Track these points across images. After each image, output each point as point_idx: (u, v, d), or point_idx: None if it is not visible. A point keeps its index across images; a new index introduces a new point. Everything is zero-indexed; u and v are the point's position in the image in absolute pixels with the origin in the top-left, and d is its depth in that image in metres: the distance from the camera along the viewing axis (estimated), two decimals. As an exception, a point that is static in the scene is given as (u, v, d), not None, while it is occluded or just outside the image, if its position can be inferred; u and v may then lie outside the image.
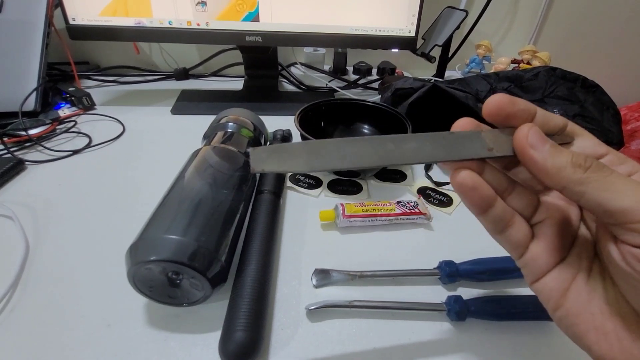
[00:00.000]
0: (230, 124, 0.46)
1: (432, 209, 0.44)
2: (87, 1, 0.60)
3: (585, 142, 0.19)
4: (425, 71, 0.89)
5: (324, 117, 0.56)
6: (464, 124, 0.19)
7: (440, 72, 0.85)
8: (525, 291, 0.33)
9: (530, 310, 0.31)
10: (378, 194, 0.48)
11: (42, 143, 0.54)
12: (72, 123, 0.61)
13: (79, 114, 0.64)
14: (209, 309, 0.31)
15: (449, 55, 0.84)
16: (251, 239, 0.34)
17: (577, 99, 0.57)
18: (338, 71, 0.88)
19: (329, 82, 0.83)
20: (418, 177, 0.51)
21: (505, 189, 0.20)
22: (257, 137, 0.47)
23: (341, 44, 0.72)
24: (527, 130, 0.17)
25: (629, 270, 0.15)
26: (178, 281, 0.29)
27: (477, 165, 0.19)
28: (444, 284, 0.35)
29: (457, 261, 0.35)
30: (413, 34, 0.68)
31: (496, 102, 0.18)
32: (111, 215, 0.42)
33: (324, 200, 0.46)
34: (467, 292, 0.34)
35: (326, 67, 0.91)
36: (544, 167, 0.16)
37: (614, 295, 0.17)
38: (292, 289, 0.34)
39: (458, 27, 0.76)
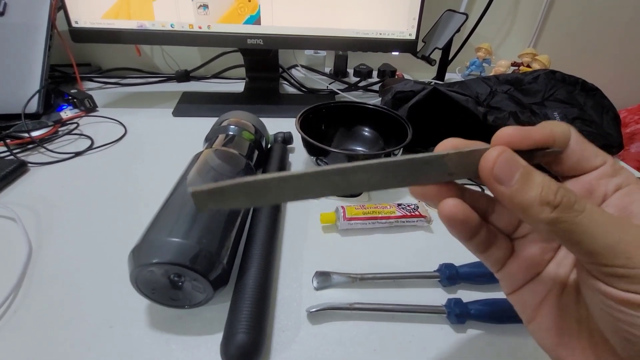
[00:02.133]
0: (231, 126, 0.46)
1: (432, 212, 0.45)
2: (90, 4, 0.60)
3: (585, 152, 0.18)
4: (425, 74, 0.89)
5: (325, 119, 0.57)
6: (451, 144, 0.18)
7: (440, 74, 0.85)
8: (525, 294, 0.34)
9: (529, 313, 0.31)
10: (378, 196, 0.48)
11: (45, 145, 0.54)
12: (74, 125, 0.61)
13: (81, 116, 0.65)
14: (211, 311, 0.31)
15: (449, 58, 0.84)
16: (252, 241, 0.35)
17: (577, 102, 0.57)
18: (339, 74, 0.88)
19: (329, 84, 0.83)
20: (418, 180, 0.51)
21: (486, 208, 0.20)
22: (259, 139, 0.47)
23: (342, 47, 0.72)
24: (494, 159, 0.15)
25: (592, 299, 0.16)
26: (180, 283, 0.29)
27: (456, 189, 0.18)
28: (444, 287, 0.35)
29: (457, 264, 0.35)
30: (413, 36, 0.68)
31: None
32: (113, 216, 0.42)
33: (325, 202, 0.46)
34: (467, 294, 0.34)
35: (327, 70, 0.91)
36: (510, 202, 0.15)
37: (585, 313, 0.17)
38: (293, 292, 0.34)
39: (458, 30, 0.77)
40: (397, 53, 0.85)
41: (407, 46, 0.69)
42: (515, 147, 0.16)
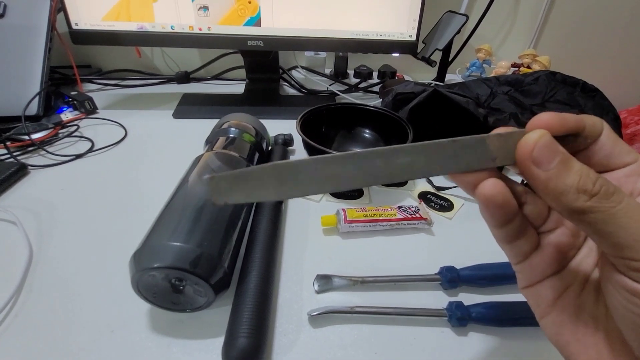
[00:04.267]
0: (232, 129, 0.46)
1: (433, 214, 0.45)
2: (90, 6, 0.60)
3: (616, 148, 0.17)
4: (425, 75, 0.89)
5: (326, 121, 0.57)
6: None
7: (440, 76, 0.85)
8: (526, 297, 0.34)
9: (531, 316, 0.31)
10: (379, 198, 0.48)
11: (45, 147, 0.54)
12: (75, 127, 0.61)
13: (81, 118, 0.65)
14: (212, 315, 0.31)
15: (450, 59, 0.84)
16: (253, 244, 0.35)
17: (577, 103, 0.57)
18: (339, 75, 0.88)
19: (329, 85, 0.83)
20: (419, 182, 0.51)
21: (522, 196, 0.18)
22: (259, 141, 0.47)
23: (342, 48, 0.72)
24: (534, 141, 0.15)
25: (614, 296, 0.15)
26: (181, 287, 0.29)
27: (496, 175, 0.17)
28: (445, 290, 0.35)
29: (458, 267, 0.35)
30: (414, 38, 0.68)
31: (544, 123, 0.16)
32: (114, 219, 0.42)
33: (326, 205, 0.46)
34: (468, 297, 0.34)
35: (327, 71, 0.91)
36: (545, 187, 0.15)
37: (604, 312, 0.17)
38: (294, 295, 0.34)
39: (458, 31, 0.77)
40: (397, 54, 0.85)
41: (407, 47, 0.69)
42: (553, 134, 0.16)
